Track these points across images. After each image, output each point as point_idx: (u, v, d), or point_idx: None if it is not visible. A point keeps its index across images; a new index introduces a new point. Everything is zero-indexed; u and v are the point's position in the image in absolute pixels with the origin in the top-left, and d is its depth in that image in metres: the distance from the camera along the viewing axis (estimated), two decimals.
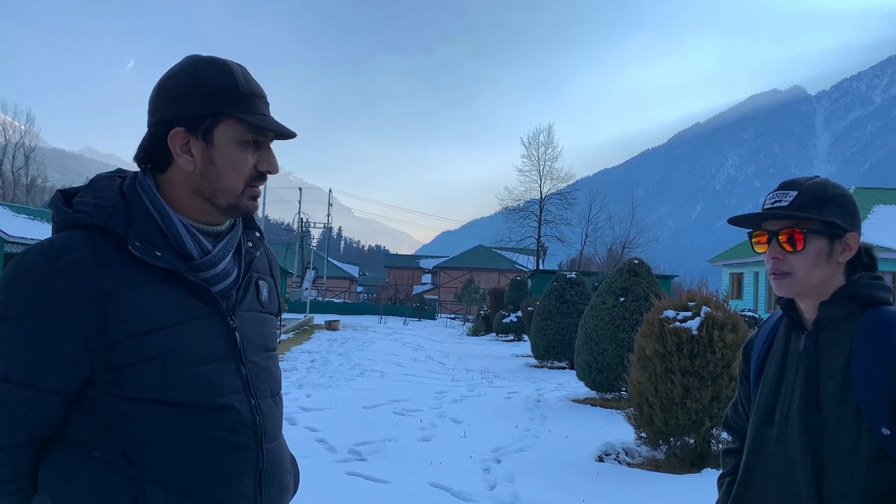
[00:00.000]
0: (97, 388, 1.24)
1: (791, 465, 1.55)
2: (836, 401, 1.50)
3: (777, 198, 1.59)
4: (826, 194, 1.56)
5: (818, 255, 1.55)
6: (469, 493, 5.12)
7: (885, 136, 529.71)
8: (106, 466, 1.23)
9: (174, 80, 1.32)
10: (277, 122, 1.35)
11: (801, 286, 1.57)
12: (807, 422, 1.53)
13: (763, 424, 1.64)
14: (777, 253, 1.57)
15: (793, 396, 1.58)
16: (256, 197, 1.38)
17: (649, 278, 10.18)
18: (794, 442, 1.54)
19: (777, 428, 1.60)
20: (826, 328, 1.57)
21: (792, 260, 1.56)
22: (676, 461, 6.30)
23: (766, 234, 1.60)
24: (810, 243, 1.54)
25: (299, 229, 53.77)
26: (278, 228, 72.30)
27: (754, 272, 33.99)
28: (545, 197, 43.67)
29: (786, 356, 1.64)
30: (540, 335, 14.68)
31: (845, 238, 1.56)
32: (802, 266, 1.55)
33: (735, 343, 6.15)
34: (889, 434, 1.43)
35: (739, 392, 1.86)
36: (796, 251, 1.55)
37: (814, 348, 1.57)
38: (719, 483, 1.86)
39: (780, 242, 1.57)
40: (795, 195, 1.56)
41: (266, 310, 1.48)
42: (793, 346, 1.64)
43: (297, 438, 6.60)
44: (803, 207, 1.54)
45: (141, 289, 1.25)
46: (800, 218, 1.54)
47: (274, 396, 1.45)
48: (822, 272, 1.56)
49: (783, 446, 1.57)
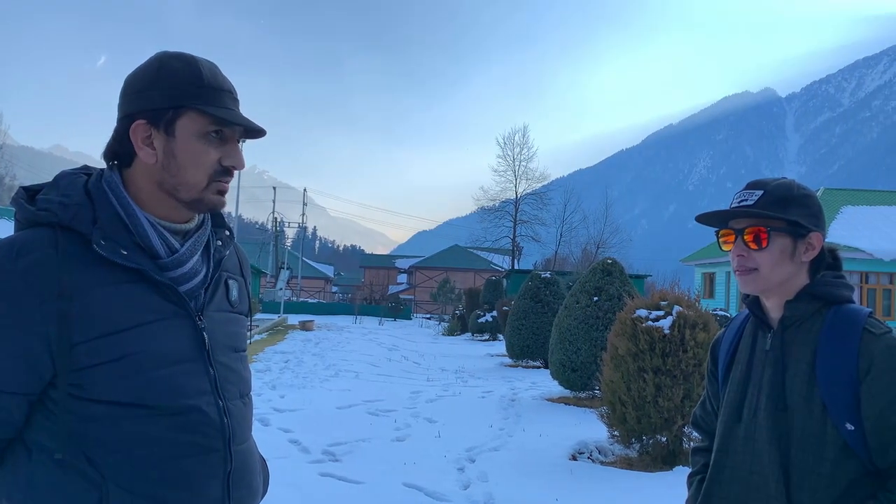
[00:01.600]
0: (60, 389, 1.21)
1: (759, 463, 1.58)
2: (802, 398, 1.53)
3: (743, 197, 1.64)
4: (790, 194, 1.61)
5: (782, 254, 1.59)
6: (443, 492, 5.12)
7: (853, 138, 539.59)
8: (68, 470, 1.20)
9: (140, 74, 1.32)
10: (242, 116, 1.34)
11: (765, 283, 1.61)
12: (775, 419, 1.56)
13: (731, 423, 1.67)
14: (742, 250, 1.61)
15: (760, 395, 1.61)
16: (223, 192, 1.36)
17: (622, 278, 10.26)
18: (762, 439, 1.57)
19: (745, 426, 1.63)
20: (791, 327, 1.61)
21: (756, 257, 1.60)
22: (649, 459, 6.36)
23: (733, 232, 1.64)
24: (774, 241, 1.59)
25: (273, 229, 53.42)
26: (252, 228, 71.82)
27: (726, 272, 34.40)
28: (520, 197, 43.82)
29: (752, 355, 1.67)
30: (515, 335, 14.73)
31: (808, 237, 1.61)
32: (766, 263, 1.59)
33: (706, 342, 6.22)
34: (853, 430, 1.46)
35: (708, 391, 1.89)
36: (760, 248, 1.59)
37: (780, 347, 1.61)
38: (689, 481, 1.88)
39: (744, 240, 1.61)
40: (761, 194, 1.61)
41: (236, 310, 1.46)
42: (759, 344, 1.67)
43: (270, 439, 6.55)
44: (768, 206, 1.59)
45: (106, 288, 1.23)
46: (764, 216, 1.58)
47: (243, 398, 1.43)
48: (785, 270, 1.60)
49: (751, 443, 1.60)
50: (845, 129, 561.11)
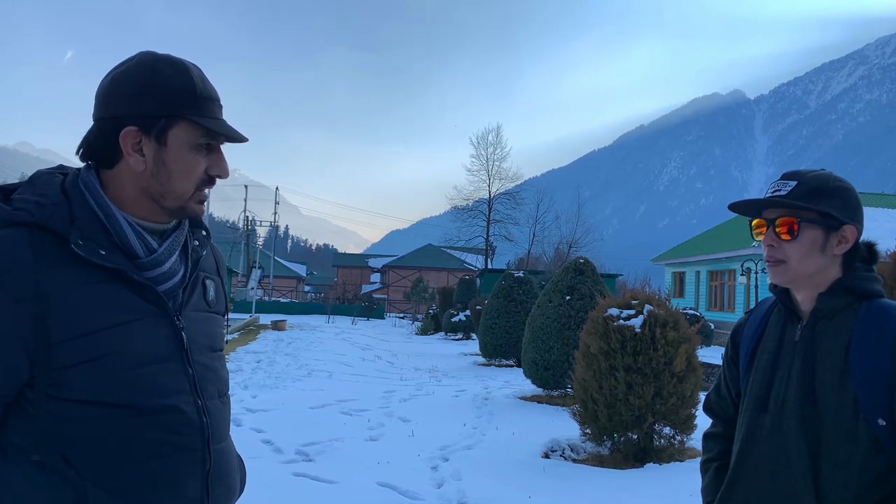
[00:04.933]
0: (37, 390, 1.20)
1: (786, 454, 1.56)
2: (833, 391, 1.51)
3: (777, 187, 1.61)
4: (825, 186, 1.58)
5: (812, 245, 1.56)
6: (416, 491, 5.13)
7: (820, 140, 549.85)
8: (45, 471, 1.20)
9: (128, 76, 1.29)
10: (232, 128, 1.35)
11: (794, 275, 1.59)
12: (804, 411, 1.54)
13: (756, 412, 1.65)
14: (772, 241, 1.59)
15: (788, 386, 1.59)
16: (203, 201, 1.37)
17: (594, 277, 10.35)
18: (791, 431, 1.56)
19: (771, 416, 1.61)
20: (823, 319, 1.58)
21: (786, 248, 1.58)
22: (620, 456, 6.43)
23: (765, 222, 1.62)
24: (804, 232, 1.56)
25: (245, 228, 52.91)
26: (223, 227, 71.03)
27: (696, 271, 34.84)
28: (494, 196, 43.91)
29: (780, 345, 1.65)
30: (488, 333, 14.78)
31: (842, 230, 1.58)
32: (796, 254, 1.57)
33: (676, 340, 6.31)
34: (885, 425, 1.45)
35: (726, 376, 1.85)
36: (790, 239, 1.57)
37: (810, 339, 1.58)
38: (704, 468, 1.85)
39: (775, 231, 1.59)
40: (794, 185, 1.59)
41: (213, 309, 1.47)
42: (788, 335, 1.65)
43: (242, 440, 6.50)
44: (800, 197, 1.56)
45: (83, 288, 1.22)
46: (796, 207, 1.56)
47: (221, 397, 1.43)
48: (815, 262, 1.57)
49: (778, 435, 1.59)
50: (812, 130, 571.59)
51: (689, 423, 6.34)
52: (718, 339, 27.62)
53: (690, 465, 6.15)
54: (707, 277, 33.86)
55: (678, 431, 6.38)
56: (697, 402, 6.42)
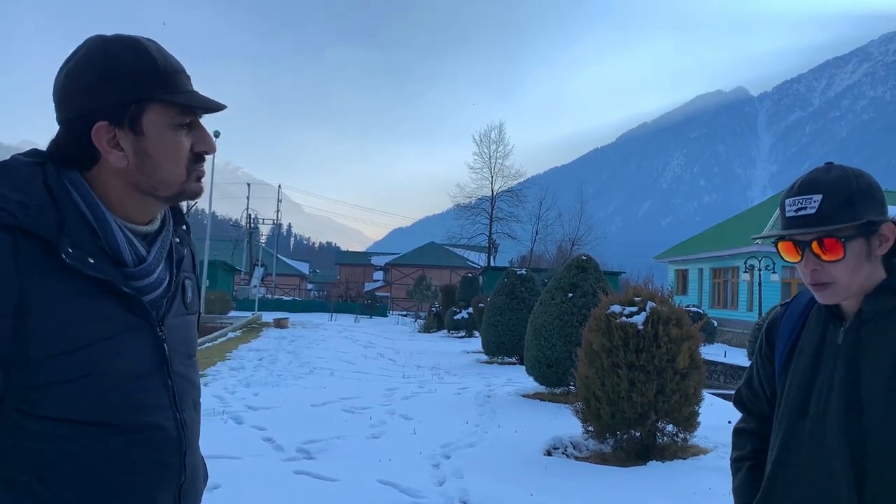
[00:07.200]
0: (12, 408, 1.12)
1: (828, 466, 1.45)
2: (881, 401, 1.39)
3: (800, 204, 1.46)
4: (854, 190, 1.43)
5: (858, 259, 1.44)
6: (418, 489, 5.11)
7: (823, 137, 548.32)
8: (17, 490, 1.12)
9: (81, 67, 1.17)
10: (207, 98, 1.25)
11: (845, 293, 1.47)
12: (847, 422, 1.42)
13: (795, 418, 1.53)
14: (815, 265, 1.45)
15: (830, 393, 1.47)
16: (201, 177, 1.29)
17: (597, 274, 10.32)
18: (833, 443, 1.44)
19: (811, 424, 1.50)
20: (869, 322, 1.46)
21: (831, 269, 1.44)
22: (623, 454, 6.40)
23: (796, 244, 1.48)
24: (849, 249, 1.42)
25: (247, 226, 52.98)
26: (226, 225, 71.03)
27: (699, 268, 34.81)
28: (496, 194, 43.89)
29: (821, 347, 1.53)
30: (490, 331, 14.76)
31: (881, 230, 1.45)
32: (844, 273, 1.44)
33: (679, 337, 6.28)
34: None
35: (759, 371, 1.74)
36: (836, 260, 1.43)
37: (855, 343, 1.46)
38: (735, 466, 1.76)
39: (815, 253, 1.45)
40: (821, 199, 1.43)
41: (190, 311, 1.39)
42: (830, 337, 1.52)
43: (244, 437, 6.50)
44: (835, 213, 1.42)
45: (67, 300, 1.12)
46: (835, 226, 1.41)
47: (195, 406, 1.38)
48: (864, 273, 1.45)
49: (819, 444, 1.47)
50: (815, 128, 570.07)
51: (691, 420, 6.31)
52: (722, 336, 27.58)
53: (693, 462, 6.12)
54: (710, 275, 33.82)
55: (681, 429, 6.35)
56: (700, 399, 6.39)
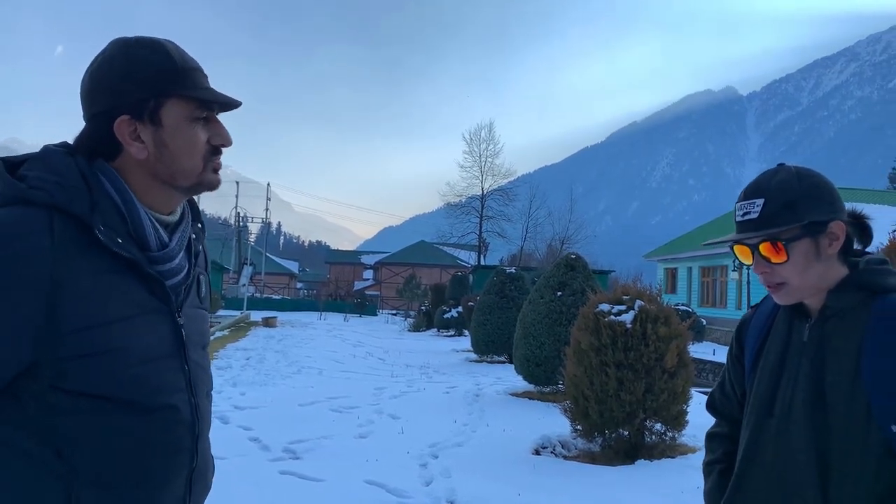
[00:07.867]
0: (40, 381, 1.15)
1: (793, 461, 1.47)
2: (843, 395, 1.41)
3: (745, 209, 1.49)
4: (795, 192, 1.46)
5: (806, 258, 1.46)
6: (405, 489, 5.07)
7: (812, 136, 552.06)
8: (35, 465, 1.16)
9: (105, 68, 1.27)
10: (223, 94, 1.32)
11: (799, 292, 1.49)
12: (812, 417, 1.44)
13: (762, 416, 1.56)
14: (764, 267, 1.49)
15: (796, 389, 1.49)
16: (218, 169, 1.36)
17: (586, 273, 10.31)
18: (798, 437, 1.46)
19: (777, 421, 1.52)
20: (833, 318, 1.48)
21: (780, 270, 1.47)
22: (611, 453, 6.38)
23: (747, 247, 1.51)
24: (794, 250, 1.45)
25: (236, 224, 52.78)
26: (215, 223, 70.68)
27: (687, 267, 34.91)
28: (486, 193, 43.92)
29: (788, 345, 1.55)
30: (480, 330, 14.75)
31: (829, 229, 1.46)
32: (793, 274, 1.46)
33: (667, 336, 6.26)
34: None
35: (730, 374, 1.76)
36: (782, 262, 1.46)
37: (819, 339, 1.48)
38: (707, 469, 1.78)
39: (762, 256, 1.48)
40: (763, 203, 1.46)
41: (203, 306, 1.47)
42: (795, 334, 1.54)
43: (230, 437, 6.44)
44: (774, 216, 1.45)
45: (97, 277, 1.19)
46: (774, 230, 1.45)
47: (208, 395, 1.44)
48: (815, 272, 1.47)
49: (785, 440, 1.50)
50: (804, 127, 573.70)
51: (680, 419, 6.30)
52: (710, 334, 27.69)
53: (681, 461, 6.11)
54: (699, 273, 33.94)
55: (669, 428, 6.34)
56: (689, 398, 6.38)
